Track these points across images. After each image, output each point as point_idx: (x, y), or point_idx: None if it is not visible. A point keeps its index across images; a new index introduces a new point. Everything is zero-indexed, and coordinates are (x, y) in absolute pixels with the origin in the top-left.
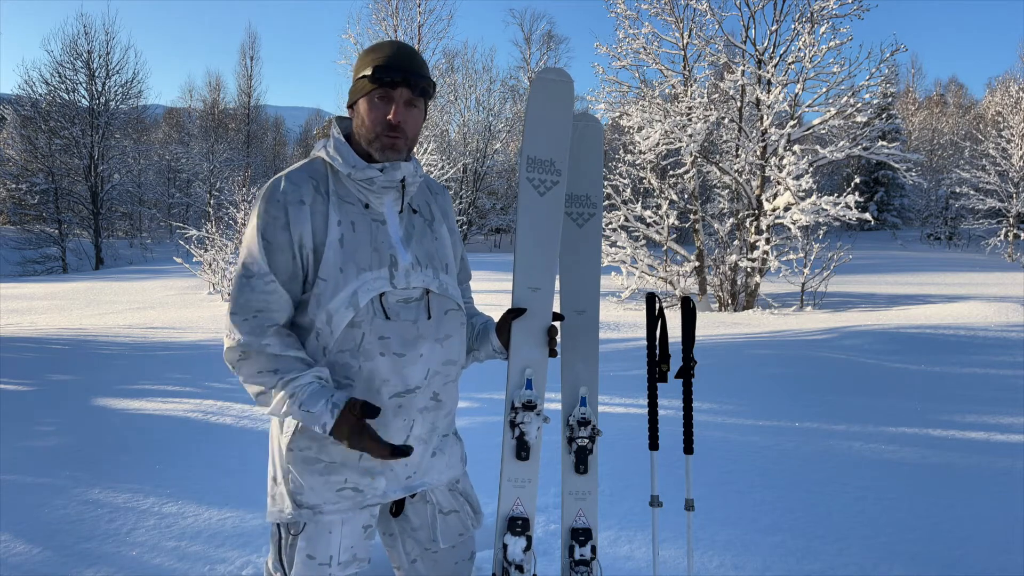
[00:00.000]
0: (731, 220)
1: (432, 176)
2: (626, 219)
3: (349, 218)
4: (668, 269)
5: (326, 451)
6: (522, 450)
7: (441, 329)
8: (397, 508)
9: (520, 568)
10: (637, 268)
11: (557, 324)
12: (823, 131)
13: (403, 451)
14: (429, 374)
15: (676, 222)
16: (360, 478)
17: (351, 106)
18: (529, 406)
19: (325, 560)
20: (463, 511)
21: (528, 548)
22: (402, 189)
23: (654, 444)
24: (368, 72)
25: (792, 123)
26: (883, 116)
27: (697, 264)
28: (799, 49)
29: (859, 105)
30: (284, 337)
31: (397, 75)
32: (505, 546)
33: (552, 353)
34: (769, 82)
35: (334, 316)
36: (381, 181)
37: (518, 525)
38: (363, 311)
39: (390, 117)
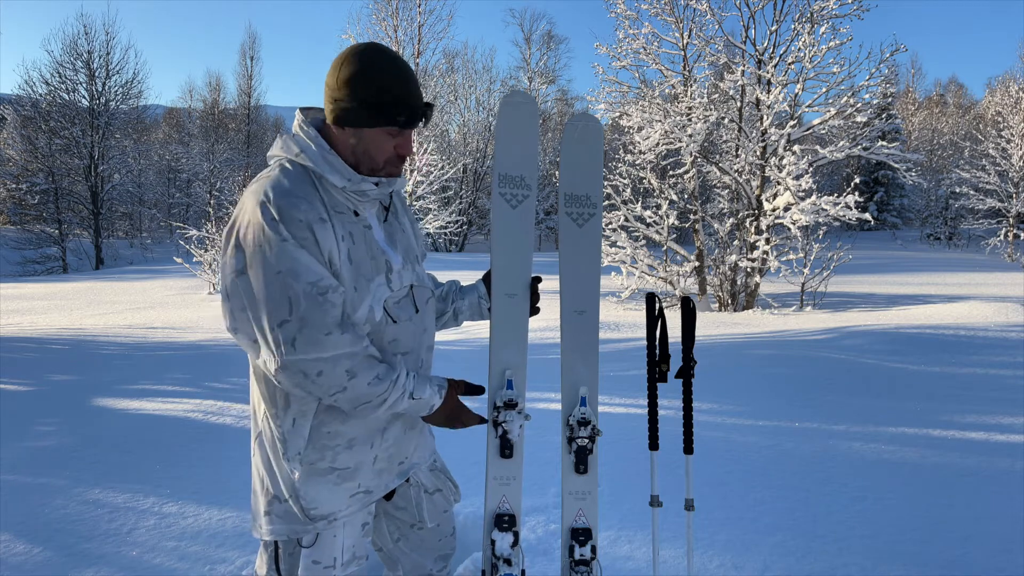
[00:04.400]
0: (731, 220)
1: (432, 176)
2: (626, 219)
3: (347, 229)
4: (668, 269)
5: (338, 459)
6: (505, 448)
7: (424, 319)
8: (389, 494)
9: (508, 562)
10: (637, 268)
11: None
12: (823, 131)
13: (484, 419)
14: (420, 364)
15: (676, 222)
16: (372, 480)
17: (343, 125)
18: (510, 405)
19: (330, 563)
20: (445, 488)
21: (515, 543)
22: (389, 198)
23: (654, 444)
24: (389, 113)
25: (792, 123)
26: (883, 116)
27: (697, 264)
28: (799, 49)
29: (859, 105)
30: (365, 335)
31: (420, 119)
32: (493, 542)
33: (534, 310)
34: (769, 82)
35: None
36: (374, 194)
37: (504, 521)
38: (378, 324)
39: (402, 152)
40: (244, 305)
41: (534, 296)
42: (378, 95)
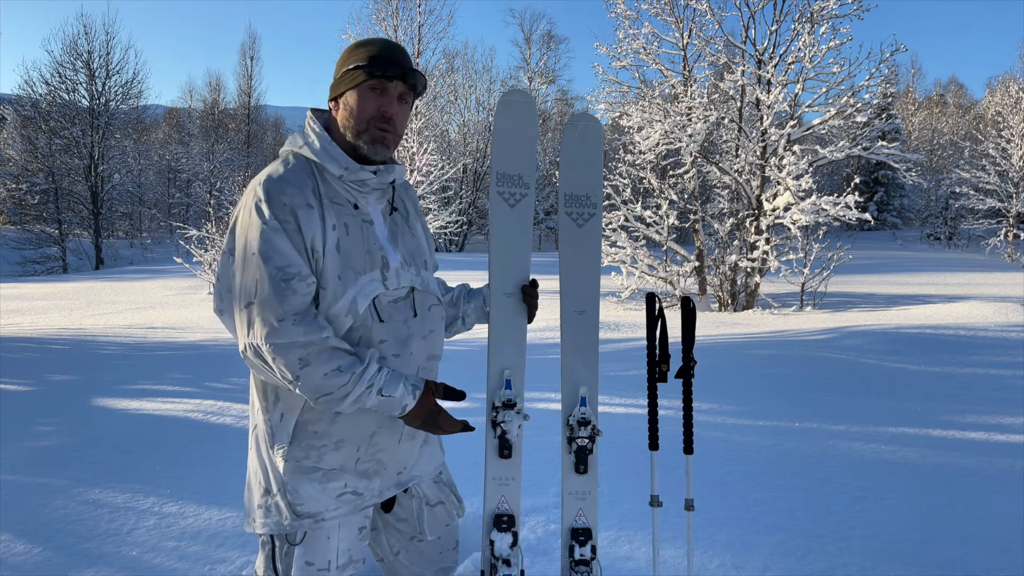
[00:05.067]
0: (731, 220)
1: (432, 176)
2: (626, 219)
3: (342, 220)
4: (668, 269)
5: (324, 459)
6: (504, 448)
7: (425, 325)
8: (388, 504)
9: (507, 562)
10: (637, 268)
11: (535, 289)
12: (823, 131)
13: (470, 427)
14: (418, 371)
15: (676, 222)
16: (358, 481)
17: (335, 99)
18: (509, 405)
19: (324, 565)
20: (448, 501)
21: (515, 544)
22: (392, 191)
23: (654, 444)
24: (363, 63)
25: (792, 123)
26: (883, 116)
27: (697, 264)
28: (799, 49)
29: (859, 105)
30: (329, 326)
31: (395, 68)
32: (492, 542)
33: (531, 314)
34: (769, 82)
35: (333, 323)
36: (373, 183)
37: (504, 522)
38: (361, 317)
39: (384, 109)
40: (230, 286)
41: (528, 299)
42: (355, 60)
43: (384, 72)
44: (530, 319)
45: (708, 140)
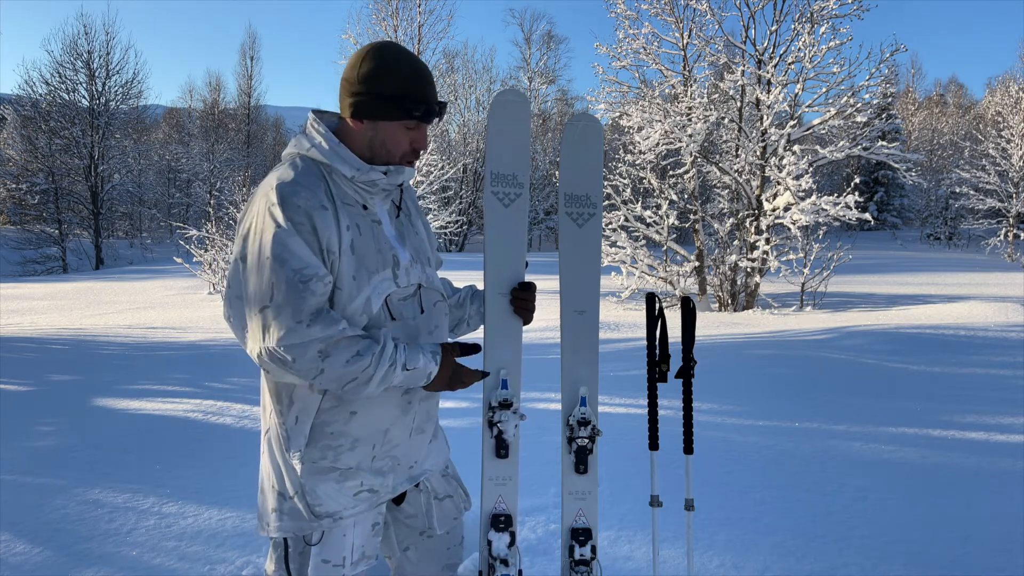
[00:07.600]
0: (731, 220)
1: (432, 176)
2: (626, 219)
3: (354, 221)
4: (668, 269)
5: (341, 459)
6: (501, 448)
7: (431, 321)
8: (399, 497)
9: (505, 562)
10: (637, 268)
11: (529, 292)
12: (823, 131)
13: (486, 373)
14: None
15: (676, 222)
16: (374, 479)
17: (359, 117)
18: (506, 405)
19: (339, 562)
20: (456, 495)
21: (512, 543)
22: (400, 192)
23: (654, 444)
24: (407, 104)
25: (792, 123)
26: (883, 116)
27: (697, 264)
28: (799, 49)
29: (859, 105)
30: (343, 318)
31: (436, 115)
32: (490, 542)
33: (526, 319)
34: (769, 82)
35: (348, 323)
36: (384, 184)
37: (501, 522)
38: (375, 316)
39: (417, 145)
40: (240, 292)
41: (519, 303)
42: (397, 89)
43: (428, 119)
44: (527, 320)
45: (708, 140)
